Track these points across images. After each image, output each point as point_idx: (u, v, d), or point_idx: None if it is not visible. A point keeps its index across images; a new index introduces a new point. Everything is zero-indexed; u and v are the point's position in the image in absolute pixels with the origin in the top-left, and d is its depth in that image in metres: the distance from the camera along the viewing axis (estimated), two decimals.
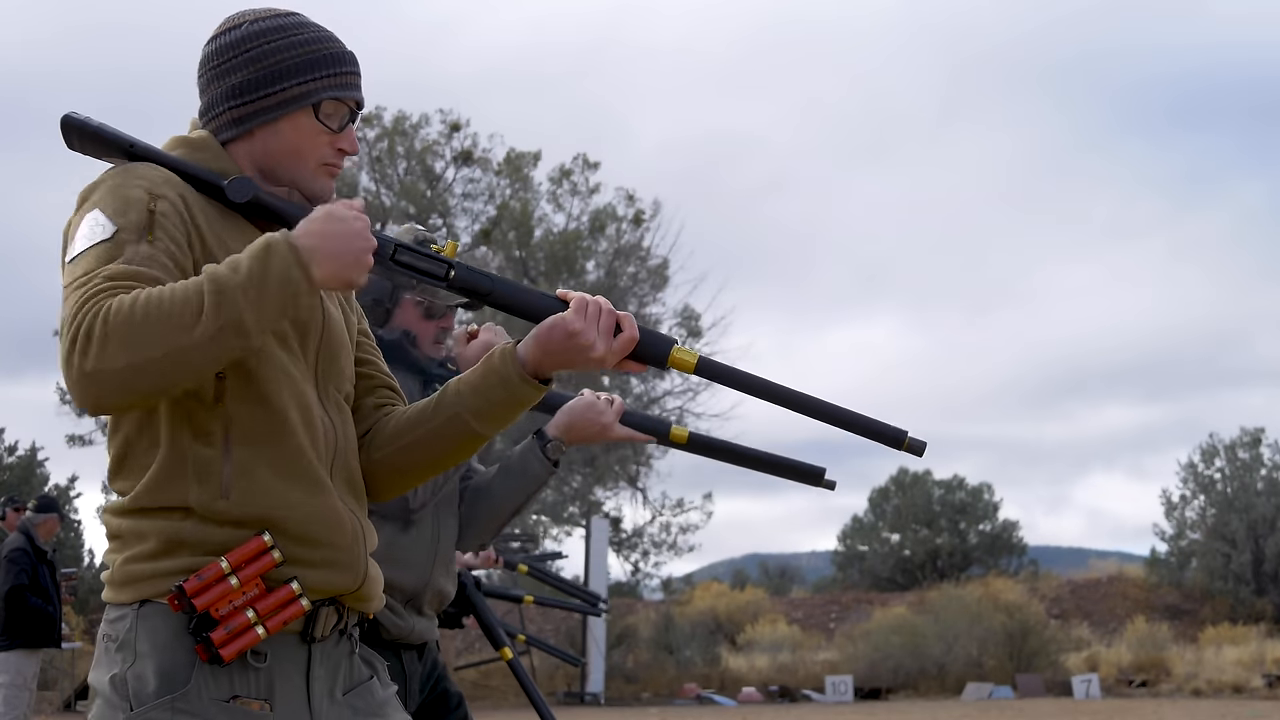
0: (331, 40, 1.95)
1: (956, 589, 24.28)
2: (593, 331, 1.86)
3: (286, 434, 1.83)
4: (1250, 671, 20.02)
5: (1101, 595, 27.87)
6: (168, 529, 1.79)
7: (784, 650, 22.83)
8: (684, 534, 25.27)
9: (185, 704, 1.75)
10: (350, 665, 1.94)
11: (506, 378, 1.89)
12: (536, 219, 24.36)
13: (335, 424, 1.91)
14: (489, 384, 1.91)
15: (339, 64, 1.94)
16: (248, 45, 1.92)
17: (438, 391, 1.98)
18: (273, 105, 1.90)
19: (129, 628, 1.80)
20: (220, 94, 1.92)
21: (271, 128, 1.91)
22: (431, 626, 3.08)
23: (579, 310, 1.86)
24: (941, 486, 34.52)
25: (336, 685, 1.90)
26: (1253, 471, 27.82)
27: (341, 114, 1.94)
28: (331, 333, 1.95)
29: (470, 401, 1.92)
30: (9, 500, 9.65)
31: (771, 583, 35.11)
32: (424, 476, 2.04)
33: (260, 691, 1.80)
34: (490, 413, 1.92)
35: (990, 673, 20.26)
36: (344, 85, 1.94)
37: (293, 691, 1.83)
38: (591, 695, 19.31)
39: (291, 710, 1.82)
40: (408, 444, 1.98)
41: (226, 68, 1.92)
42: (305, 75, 1.91)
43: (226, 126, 1.92)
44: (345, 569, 1.87)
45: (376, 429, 2.02)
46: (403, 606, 2.98)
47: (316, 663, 1.87)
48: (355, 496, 1.94)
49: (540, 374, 1.90)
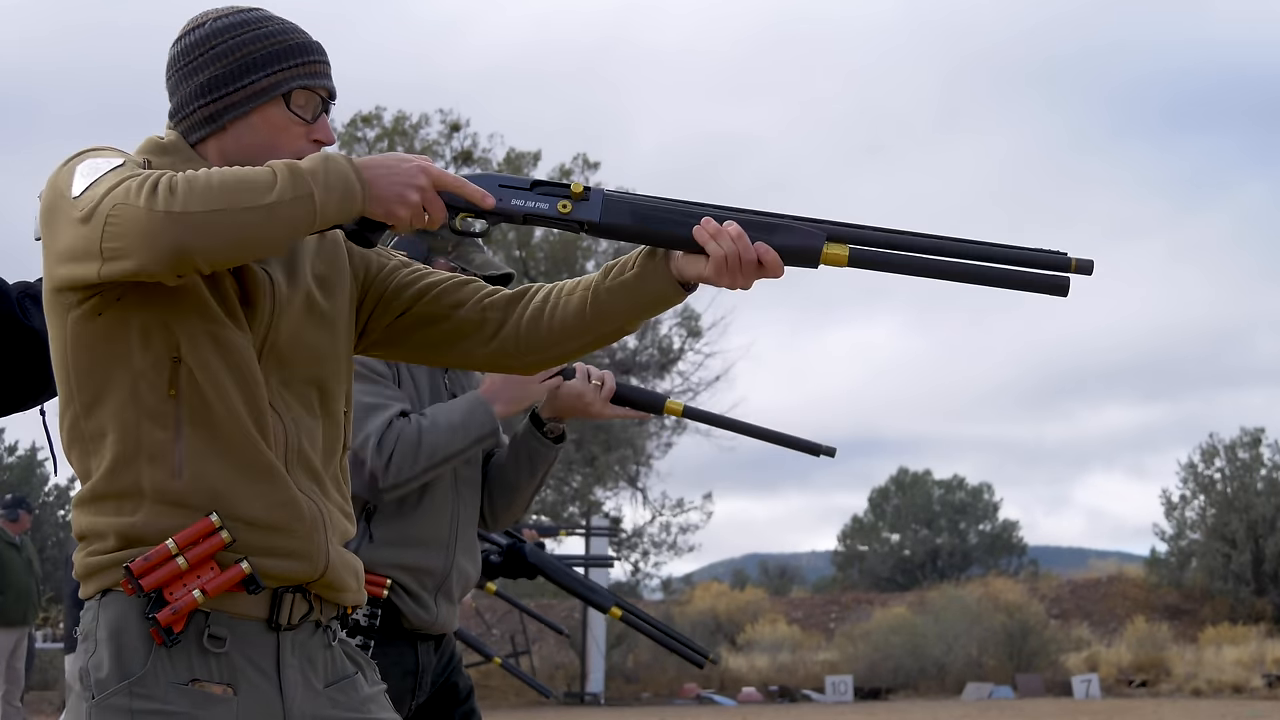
0: (297, 31, 1.96)
1: (956, 589, 24.29)
2: (737, 284, 1.91)
3: (236, 423, 1.83)
4: (1250, 671, 20.01)
5: (1101, 595, 27.86)
6: (123, 525, 1.81)
7: (784, 650, 22.83)
8: (684, 534, 25.27)
9: (142, 688, 1.76)
10: (330, 658, 1.94)
11: (664, 296, 1.95)
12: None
13: (285, 421, 1.90)
14: (646, 301, 1.96)
15: (306, 53, 1.94)
16: (213, 42, 1.92)
17: (585, 293, 1.99)
18: (243, 99, 1.91)
19: (92, 619, 1.83)
20: (190, 93, 1.93)
21: (244, 122, 1.91)
22: (454, 615, 3.01)
23: (719, 272, 1.90)
24: (941, 486, 34.56)
25: (315, 676, 1.90)
26: (1253, 471, 27.81)
27: (314, 104, 1.95)
28: (280, 329, 1.92)
29: (631, 319, 1.99)
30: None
31: (771, 583, 35.10)
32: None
33: (222, 676, 1.80)
34: (642, 320, 2.00)
35: (990, 673, 20.25)
36: (313, 74, 1.94)
37: (260, 678, 1.83)
38: (591, 695, 19.30)
39: (260, 697, 1.83)
40: (564, 352, 2.03)
41: (194, 66, 1.93)
42: (273, 66, 1.91)
43: (199, 125, 1.93)
44: (302, 557, 1.86)
45: (524, 329, 2.02)
46: (431, 594, 2.91)
47: (287, 651, 1.87)
48: (318, 485, 1.93)
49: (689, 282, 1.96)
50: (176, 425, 1.81)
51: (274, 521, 1.84)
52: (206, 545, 1.79)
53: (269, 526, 1.83)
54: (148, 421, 1.81)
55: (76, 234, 1.73)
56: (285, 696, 1.85)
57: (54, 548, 24.27)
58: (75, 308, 1.82)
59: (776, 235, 1.89)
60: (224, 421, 1.82)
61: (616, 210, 1.93)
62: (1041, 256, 1.86)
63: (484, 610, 20.24)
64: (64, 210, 1.76)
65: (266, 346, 1.90)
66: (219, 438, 1.82)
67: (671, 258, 1.93)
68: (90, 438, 1.84)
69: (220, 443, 1.82)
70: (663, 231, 1.91)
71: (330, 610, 1.94)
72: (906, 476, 35.05)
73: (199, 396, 1.82)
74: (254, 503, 1.83)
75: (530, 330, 2.02)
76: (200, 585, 1.78)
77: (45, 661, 16.07)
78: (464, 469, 3.01)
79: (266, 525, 1.83)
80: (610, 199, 1.93)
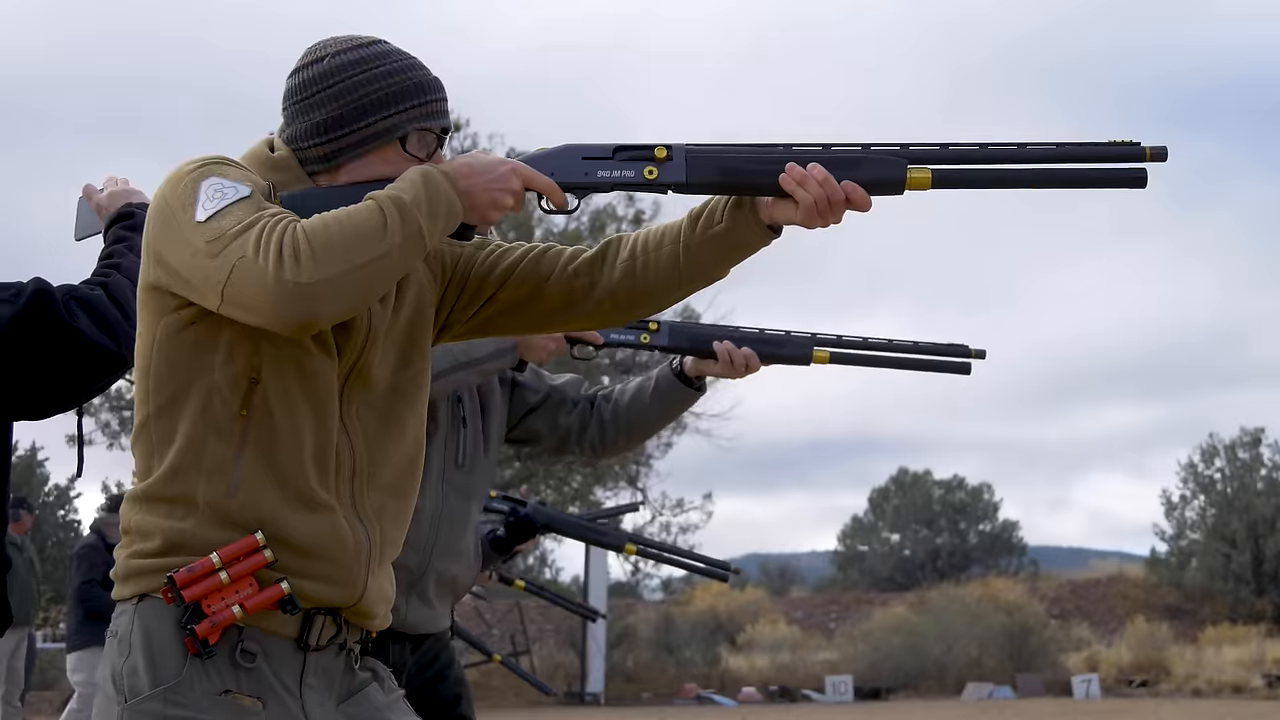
0: (416, 68, 1.93)
1: (956, 589, 24.28)
2: (829, 221, 1.92)
3: (298, 454, 1.84)
4: (1250, 671, 20.00)
5: (1101, 595, 27.85)
6: (171, 530, 1.82)
7: (784, 650, 22.82)
8: (684, 534, 25.27)
9: (177, 696, 1.77)
10: (349, 676, 1.95)
11: (751, 241, 1.95)
12: (536, 219, 24.36)
13: (355, 443, 1.90)
14: (734, 248, 1.96)
15: (424, 92, 1.92)
16: (332, 80, 1.90)
17: (674, 247, 1.98)
18: (360, 140, 1.89)
19: (128, 622, 1.83)
20: (306, 129, 1.91)
21: (360, 162, 1.90)
22: (433, 617, 3.00)
23: (810, 216, 1.90)
24: (941, 486, 34.54)
25: (330, 696, 1.91)
26: (1253, 471, 27.80)
27: (429, 142, 1.93)
28: (373, 355, 1.92)
29: (721, 269, 1.98)
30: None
31: (771, 583, 35.08)
32: None
33: (252, 690, 1.81)
34: (731, 266, 1.98)
35: (990, 673, 20.25)
36: (430, 114, 1.92)
37: (286, 695, 1.84)
38: (591, 695, 19.30)
39: (286, 713, 1.83)
40: (661, 303, 2.02)
41: (312, 103, 1.90)
42: (391, 108, 1.89)
43: (313, 161, 1.92)
44: (340, 584, 1.87)
45: (618, 288, 2.01)
46: (402, 592, 2.86)
47: (310, 672, 1.88)
48: (381, 505, 1.93)
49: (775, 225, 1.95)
50: (241, 445, 1.82)
51: (316, 549, 1.85)
52: (249, 563, 1.81)
53: (311, 553, 1.84)
54: (214, 437, 1.82)
55: (198, 263, 1.73)
56: (307, 716, 1.86)
57: (54, 548, 24.26)
58: (171, 312, 1.83)
59: (860, 170, 1.91)
60: (286, 449, 1.83)
61: (702, 167, 1.95)
62: (1115, 150, 1.89)
63: (484, 610, 20.24)
64: (184, 231, 1.76)
65: (354, 372, 1.90)
66: (277, 465, 1.83)
67: (759, 204, 1.93)
68: (157, 440, 1.85)
69: (277, 472, 1.83)
70: (750, 182, 1.93)
71: (355, 634, 1.95)
72: (906, 476, 35.03)
73: (268, 420, 1.83)
74: (300, 530, 1.84)
75: (624, 288, 2.01)
76: (240, 601, 1.79)
77: (45, 661, 16.06)
78: (455, 474, 3.00)
79: (309, 552, 1.84)
80: (694, 157, 1.95)
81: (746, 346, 3.06)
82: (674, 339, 3.08)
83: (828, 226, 1.92)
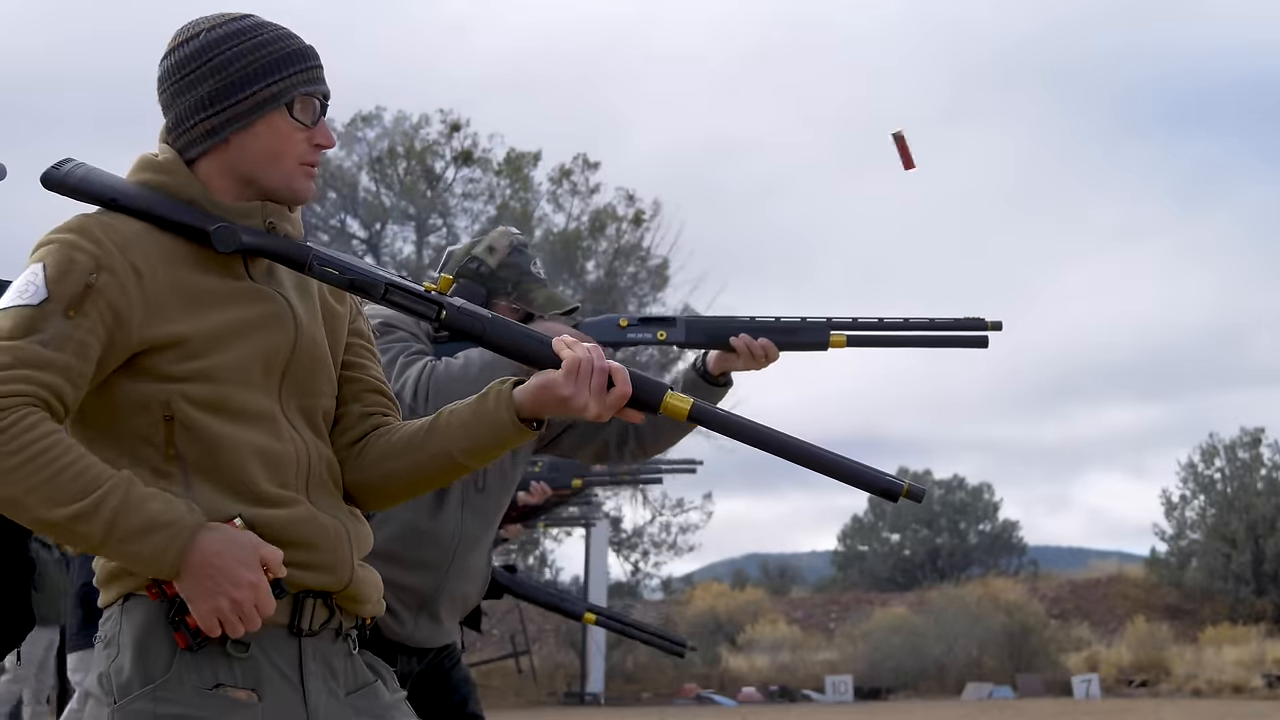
0: (291, 37, 1.94)
1: (956, 589, 24.28)
2: (584, 395, 1.88)
3: (241, 465, 1.83)
4: (1250, 671, 20.01)
5: (1101, 595, 27.85)
6: None
7: (784, 650, 22.81)
8: (684, 534, 25.27)
9: (167, 693, 1.75)
10: (351, 666, 1.94)
11: (499, 424, 1.91)
12: (536, 219, 24.34)
13: (307, 442, 1.91)
14: (481, 426, 1.92)
15: (304, 59, 1.93)
16: (210, 54, 1.89)
17: (430, 417, 1.98)
18: (246, 110, 1.88)
19: (115, 624, 1.81)
20: (188, 107, 1.90)
21: (247, 133, 1.89)
22: (440, 632, 3.00)
23: (569, 374, 1.88)
24: (941, 486, 34.53)
25: (338, 684, 1.90)
26: (1253, 471, 27.80)
27: (313, 109, 1.93)
28: (301, 356, 1.93)
29: (460, 441, 1.93)
30: None
31: (771, 583, 35.07)
32: (406, 498, 2.05)
33: (246, 681, 1.79)
34: (479, 451, 1.94)
35: (990, 673, 20.25)
36: (312, 80, 1.93)
37: (284, 684, 1.82)
38: (591, 695, 19.30)
39: (284, 703, 1.82)
40: (393, 470, 1.98)
41: (193, 79, 1.89)
42: (274, 75, 1.89)
43: (199, 139, 1.90)
44: (327, 569, 1.87)
45: (369, 444, 2.00)
46: (411, 611, 2.91)
47: (309, 657, 1.86)
48: (336, 502, 1.94)
49: (534, 419, 1.92)
50: (185, 478, 1.81)
51: (298, 538, 1.84)
52: None
53: (292, 542, 1.83)
54: (159, 479, 1.80)
55: None
56: (309, 703, 1.84)
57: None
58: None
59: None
60: (233, 469, 1.82)
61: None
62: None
63: (483, 609, 20.22)
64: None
65: (286, 375, 1.91)
66: (231, 485, 1.82)
67: (516, 396, 1.92)
68: None
69: (234, 490, 1.82)
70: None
71: (350, 620, 1.94)
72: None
73: (202, 448, 1.82)
74: (275, 521, 1.83)
75: (371, 442, 2.01)
76: None
77: None
78: (475, 497, 2.99)
79: (289, 541, 1.82)
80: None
81: (763, 336, 3.03)
82: (690, 334, 3.08)
83: (584, 408, 1.88)
